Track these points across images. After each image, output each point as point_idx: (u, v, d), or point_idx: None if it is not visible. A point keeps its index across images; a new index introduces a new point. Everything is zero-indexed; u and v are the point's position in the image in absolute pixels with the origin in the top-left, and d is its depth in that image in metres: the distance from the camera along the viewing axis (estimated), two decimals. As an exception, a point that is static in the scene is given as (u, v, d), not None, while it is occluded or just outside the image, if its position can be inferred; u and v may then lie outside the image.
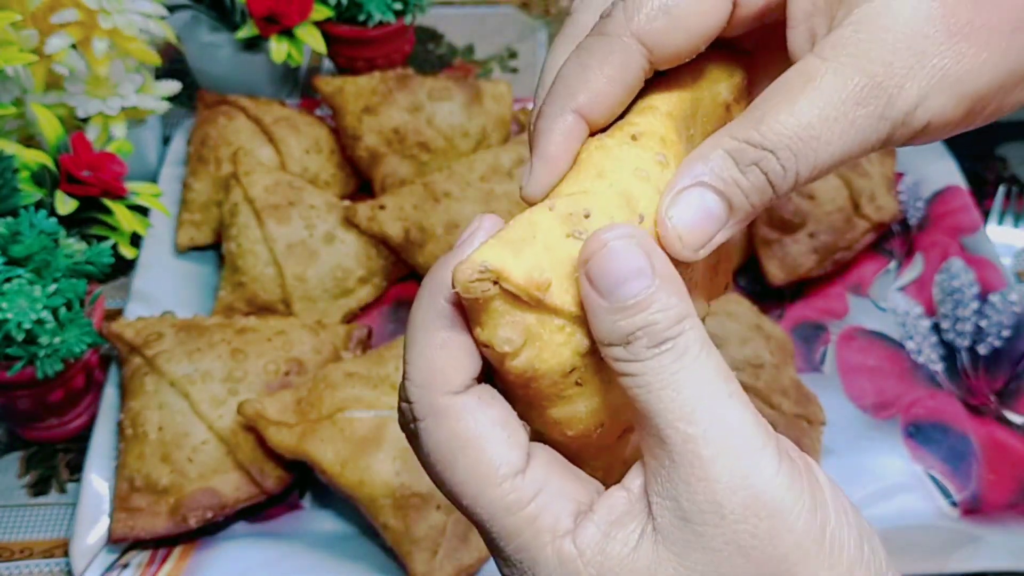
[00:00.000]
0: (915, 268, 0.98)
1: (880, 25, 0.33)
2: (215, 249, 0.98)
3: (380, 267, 0.94)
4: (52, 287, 0.73)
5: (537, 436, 0.35)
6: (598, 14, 0.36)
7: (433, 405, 0.32)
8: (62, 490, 0.83)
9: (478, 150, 1.00)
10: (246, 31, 1.01)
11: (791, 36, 0.36)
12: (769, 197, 0.33)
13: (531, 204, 0.35)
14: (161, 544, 0.77)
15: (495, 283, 0.30)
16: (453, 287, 0.31)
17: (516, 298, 0.31)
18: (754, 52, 0.40)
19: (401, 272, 0.96)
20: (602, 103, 0.35)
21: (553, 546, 0.31)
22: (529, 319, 0.31)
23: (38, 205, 0.79)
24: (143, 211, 0.88)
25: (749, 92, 0.40)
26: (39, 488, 0.83)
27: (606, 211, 0.32)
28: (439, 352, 0.32)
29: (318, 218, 0.92)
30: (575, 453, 0.35)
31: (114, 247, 0.80)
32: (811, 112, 0.32)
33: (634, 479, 0.33)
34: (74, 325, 0.74)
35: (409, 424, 0.33)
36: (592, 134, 0.35)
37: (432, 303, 0.33)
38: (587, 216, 0.32)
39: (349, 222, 0.92)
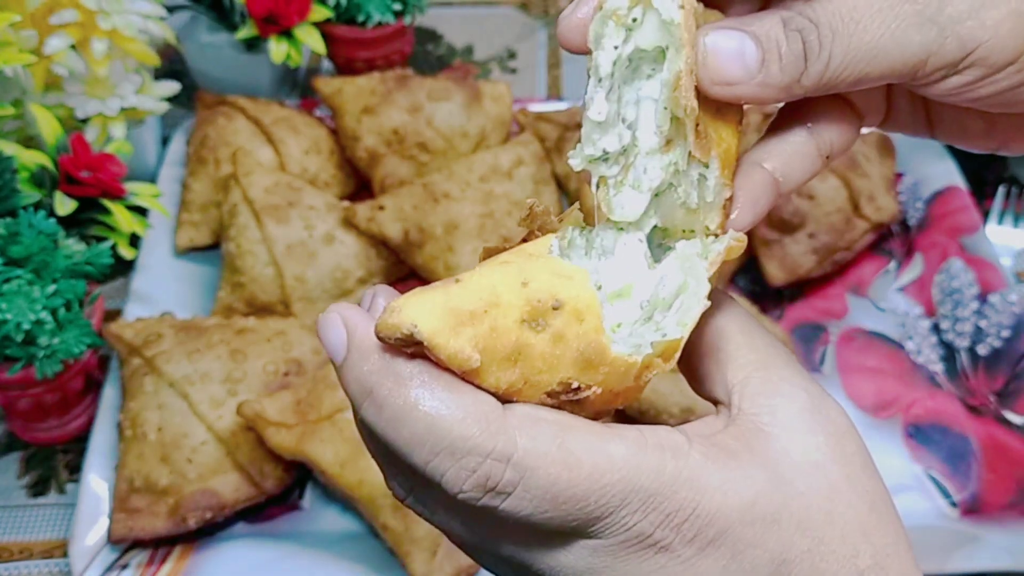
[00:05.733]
0: (915, 268, 0.98)
1: None
2: (214, 249, 0.98)
3: (380, 267, 0.94)
4: (51, 288, 0.73)
5: None
6: None
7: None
8: (61, 491, 0.83)
9: (477, 151, 1.00)
10: (245, 32, 1.01)
11: None
12: (800, 72, 0.34)
13: (564, 42, 0.34)
14: (160, 544, 0.77)
15: (418, 344, 0.29)
16: (376, 333, 0.29)
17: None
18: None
19: (401, 272, 0.96)
20: None
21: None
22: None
23: (37, 206, 0.78)
24: (142, 212, 0.87)
25: None
26: (38, 489, 0.83)
27: (577, 312, 0.31)
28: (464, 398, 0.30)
29: (317, 219, 0.92)
30: None
31: (113, 248, 0.80)
32: None
33: None
34: (73, 326, 0.74)
35: (491, 488, 0.30)
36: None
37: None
38: (556, 308, 0.30)
39: (348, 223, 0.92)
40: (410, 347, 0.29)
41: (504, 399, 0.30)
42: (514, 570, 0.34)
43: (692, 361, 0.37)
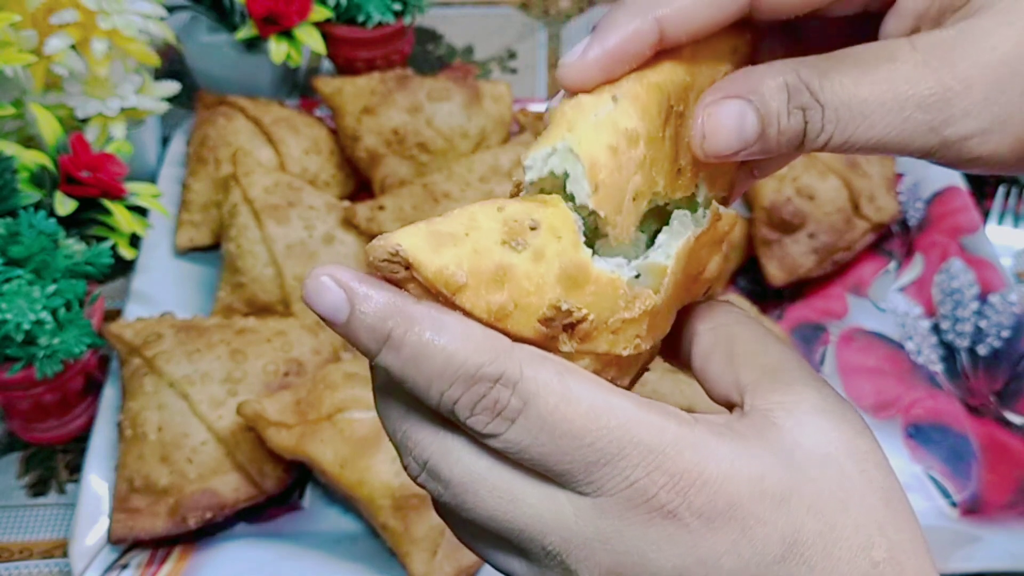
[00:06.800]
0: (915, 269, 0.98)
1: (980, 46, 0.33)
2: (214, 250, 0.98)
3: (379, 268, 0.94)
4: (51, 288, 0.73)
5: None
6: None
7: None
8: (61, 491, 0.83)
9: (477, 151, 1.00)
10: (245, 32, 1.01)
11: (891, 22, 0.36)
12: (795, 146, 0.34)
13: (564, 85, 0.33)
14: (160, 545, 0.77)
15: (407, 268, 0.30)
16: (367, 258, 0.31)
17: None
18: (767, 31, 0.40)
19: (400, 273, 0.96)
20: (687, 19, 0.34)
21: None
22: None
23: (37, 206, 0.78)
24: (142, 212, 0.87)
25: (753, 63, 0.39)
26: (38, 489, 0.83)
27: (554, 229, 0.31)
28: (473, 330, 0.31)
29: (317, 219, 0.92)
30: None
31: (113, 248, 0.80)
32: (874, 91, 0.33)
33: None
34: (73, 326, 0.74)
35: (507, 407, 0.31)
36: (574, 94, 0.34)
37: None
38: (533, 228, 0.31)
39: (348, 223, 0.92)
40: (399, 272, 0.30)
41: (499, 327, 0.31)
42: (521, 554, 0.33)
43: (705, 365, 0.37)
